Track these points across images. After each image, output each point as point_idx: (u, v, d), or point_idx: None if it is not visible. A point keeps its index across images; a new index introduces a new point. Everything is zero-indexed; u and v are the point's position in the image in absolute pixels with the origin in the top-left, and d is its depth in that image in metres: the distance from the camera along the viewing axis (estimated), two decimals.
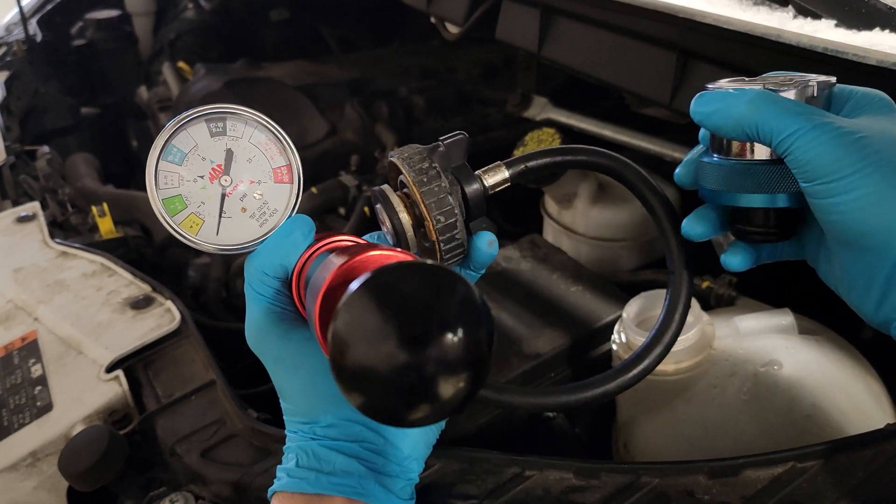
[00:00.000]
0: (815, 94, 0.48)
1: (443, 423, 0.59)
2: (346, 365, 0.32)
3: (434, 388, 0.33)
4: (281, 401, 0.56)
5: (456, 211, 0.52)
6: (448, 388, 0.33)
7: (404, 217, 0.54)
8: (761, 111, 0.46)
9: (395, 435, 0.55)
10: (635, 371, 0.55)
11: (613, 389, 0.54)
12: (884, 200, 0.42)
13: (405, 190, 0.54)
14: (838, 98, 0.50)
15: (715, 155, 0.52)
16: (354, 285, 0.32)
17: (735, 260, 0.54)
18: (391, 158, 0.54)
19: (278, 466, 0.55)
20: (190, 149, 0.52)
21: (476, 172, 0.56)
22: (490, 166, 0.57)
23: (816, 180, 0.44)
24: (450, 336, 0.32)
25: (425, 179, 0.52)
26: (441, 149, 0.54)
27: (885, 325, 0.46)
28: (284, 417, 0.56)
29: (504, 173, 0.56)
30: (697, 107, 0.49)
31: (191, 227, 0.52)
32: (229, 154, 0.52)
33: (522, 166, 0.57)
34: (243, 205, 0.52)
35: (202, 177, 0.51)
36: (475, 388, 0.34)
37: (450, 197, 0.52)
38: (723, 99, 0.48)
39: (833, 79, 0.50)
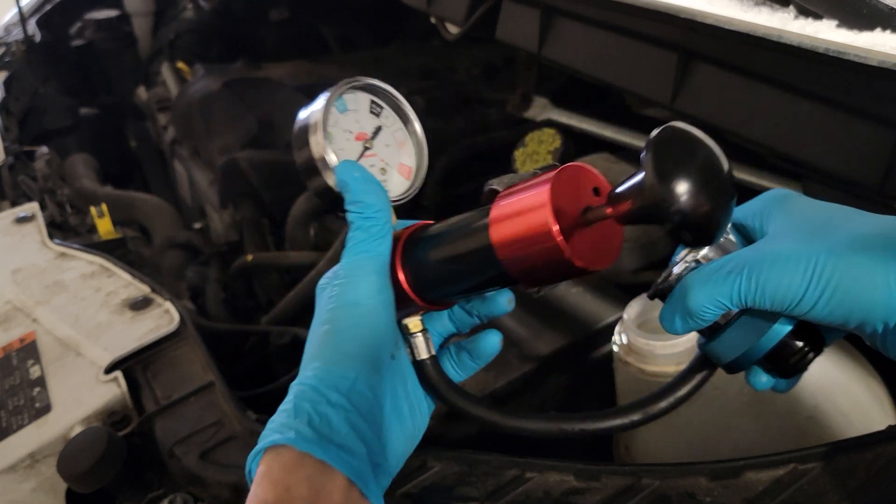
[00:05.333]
0: (728, 234, 0.51)
1: (424, 426, 0.58)
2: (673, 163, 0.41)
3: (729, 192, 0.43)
4: (318, 348, 0.54)
5: None
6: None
7: None
8: (700, 299, 0.49)
9: (392, 420, 0.54)
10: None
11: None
12: (854, 288, 0.45)
13: None
14: (752, 211, 0.52)
15: (704, 338, 0.53)
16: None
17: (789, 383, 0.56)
18: (491, 187, 0.56)
19: (280, 421, 0.52)
20: (352, 107, 0.58)
21: None
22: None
23: (786, 308, 0.47)
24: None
25: None
26: (529, 175, 0.56)
27: None
28: (304, 369, 0.54)
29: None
30: (664, 323, 0.53)
31: None
32: (378, 129, 0.60)
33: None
34: (371, 172, 0.58)
35: (350, 132, 0.57)
36: None
37: None
38: (669, 314, 0.52)
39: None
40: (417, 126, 0.62)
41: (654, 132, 0.42)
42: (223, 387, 0.86)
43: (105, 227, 1.50)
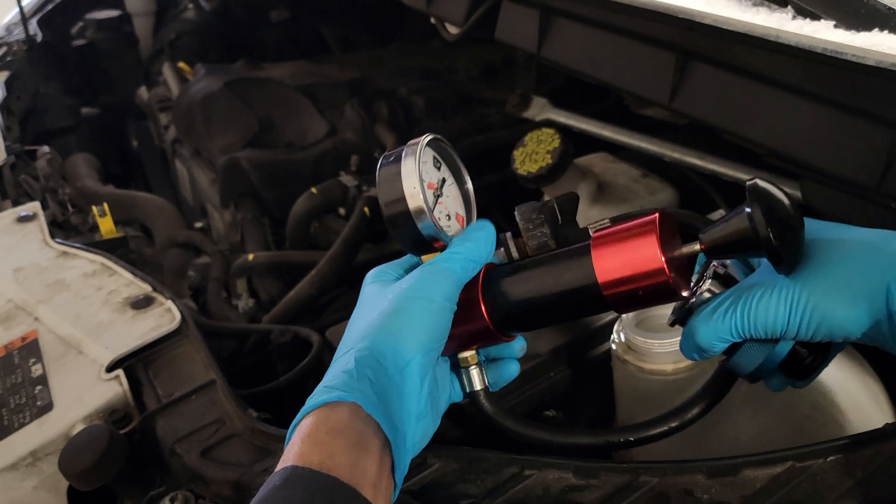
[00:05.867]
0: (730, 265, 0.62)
1: (434, 430, 0.62)
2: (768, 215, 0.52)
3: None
4: (380, 325, 0.58)
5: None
6: None
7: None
8: (706, 338, 0.58)
9: (419, 412, 0.58)
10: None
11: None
12: (828, 312, 0.53)
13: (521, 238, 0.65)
14: None
15: (725, 356, 0.62)
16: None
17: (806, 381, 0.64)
18: (515, 212, 0.65)
19: (343, 381, 0.55)
20: (425, 159, 0.64)
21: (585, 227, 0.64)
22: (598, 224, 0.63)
23: (777, 335, 0.56)
24: None
25: (531, 227, 0.64)
26: (551, 204, 0.64)
27: None
28: (359, 340, 0.58)
29: None
30: (684, 354, 0.62)
31: None
32: (443, 181, 0.66)
33: None
34: (440, 218, 0.64)
35: (425, 181, 0.62)
36: None
37: (549, 241, 0.63)
38: (686, 349, 0.61)
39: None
40: (468, 179, 0.68)
41: (748, 187, 0.53)
42: (224, 385, 0.87)
43: (106, 226, 1.51)
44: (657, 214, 0.57)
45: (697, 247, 0.56)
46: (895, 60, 0.66)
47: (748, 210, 0.52)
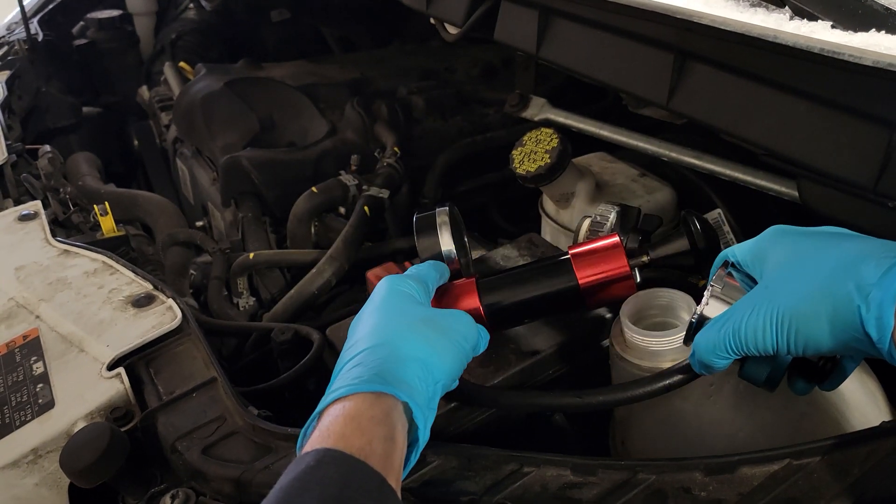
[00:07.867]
0: (734, 279, 0.67)
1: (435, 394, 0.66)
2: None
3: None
4: (424, 335, 0.65)
5: None
6: None
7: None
8: (706, 355, 0.63)
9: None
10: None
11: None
12: (811, 332, 0.56)
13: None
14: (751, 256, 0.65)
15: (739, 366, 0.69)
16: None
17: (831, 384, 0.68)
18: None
19: (386, 376, 0.59)
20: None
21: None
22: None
23: (767, 353, 0.60)
24: None
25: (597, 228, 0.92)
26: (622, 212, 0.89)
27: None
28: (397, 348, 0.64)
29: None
30: (695, 370, 0.68)
31: None
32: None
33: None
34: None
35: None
36: None
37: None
38: (695, 364, 0.67)
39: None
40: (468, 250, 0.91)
41: (684, 216, 0.77)
42: (225, 383, 0.87)
43: (108, 224, 1.51)
44: (616, 238, 0.81)
45: (645, 258, 0.80)
46: (892, 60, 0.66)
47: (683, 228, 0.72)
